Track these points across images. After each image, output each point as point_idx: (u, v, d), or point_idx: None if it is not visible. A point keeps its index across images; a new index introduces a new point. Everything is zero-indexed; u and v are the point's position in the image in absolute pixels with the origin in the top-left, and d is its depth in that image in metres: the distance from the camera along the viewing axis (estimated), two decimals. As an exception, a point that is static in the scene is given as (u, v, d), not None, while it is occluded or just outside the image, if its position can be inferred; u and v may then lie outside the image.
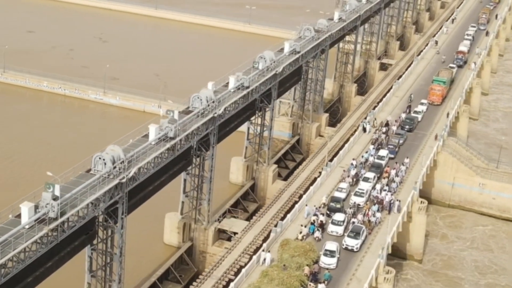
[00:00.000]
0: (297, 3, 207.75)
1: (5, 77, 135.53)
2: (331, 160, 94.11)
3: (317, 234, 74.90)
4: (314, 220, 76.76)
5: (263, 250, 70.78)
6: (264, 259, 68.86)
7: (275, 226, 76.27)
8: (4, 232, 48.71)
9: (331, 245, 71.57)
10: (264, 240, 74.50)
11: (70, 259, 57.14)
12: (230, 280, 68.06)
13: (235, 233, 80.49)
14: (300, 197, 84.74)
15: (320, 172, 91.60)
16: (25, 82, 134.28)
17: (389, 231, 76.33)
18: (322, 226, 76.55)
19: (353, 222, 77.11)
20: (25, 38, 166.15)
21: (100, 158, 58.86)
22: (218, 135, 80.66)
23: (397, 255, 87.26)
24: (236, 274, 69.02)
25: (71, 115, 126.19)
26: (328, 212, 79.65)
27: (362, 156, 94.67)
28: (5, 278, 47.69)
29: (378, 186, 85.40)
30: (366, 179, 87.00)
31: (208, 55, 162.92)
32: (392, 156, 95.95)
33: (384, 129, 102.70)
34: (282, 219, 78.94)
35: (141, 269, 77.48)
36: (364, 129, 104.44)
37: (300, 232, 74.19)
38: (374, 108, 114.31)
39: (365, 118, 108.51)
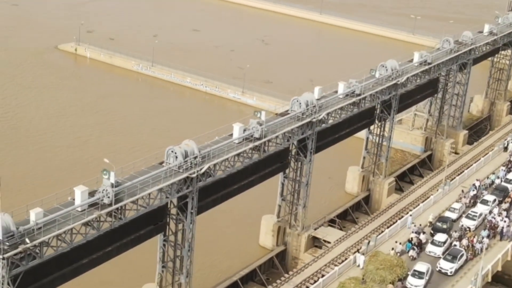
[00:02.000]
0: (473, 16, 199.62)
1: (152, 71, 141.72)
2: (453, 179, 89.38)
3: (412, 252, 71.24)
4: (412, 238, 73.15)
5: (358, 252, 69.35)
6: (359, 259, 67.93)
7: (369, 240, 73.52)
8: (54, 212, 50.22)
9: (421, 266, 67.85)
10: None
11: (134, 247, 57.77)
12: (307, 288, 66.72)
13: (328, 242, 78.46)
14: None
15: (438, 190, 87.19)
16: (171, 77, 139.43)
17: (488, 258, 70.92)
18: (420, 245, 72.70)
19: (454, 245, 72.57)
20: (190, 36, 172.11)
21: (172, 152, 59.42)
22: (324, 141, 79.11)
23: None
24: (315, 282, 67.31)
25: (208, 112, 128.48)
26: (432, 232, 75.64)
27: (488, 178, 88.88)
28: (47, 256, 49.22)
29: (495, 210, 79.79)
30: (484, 202, 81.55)
31: (367, 63, 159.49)
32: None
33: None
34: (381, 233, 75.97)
35: (231, 267, 77.58)
36: (505, 148, 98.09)
37: (392, 249, 70.94)
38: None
39: (506, 139, 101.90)
